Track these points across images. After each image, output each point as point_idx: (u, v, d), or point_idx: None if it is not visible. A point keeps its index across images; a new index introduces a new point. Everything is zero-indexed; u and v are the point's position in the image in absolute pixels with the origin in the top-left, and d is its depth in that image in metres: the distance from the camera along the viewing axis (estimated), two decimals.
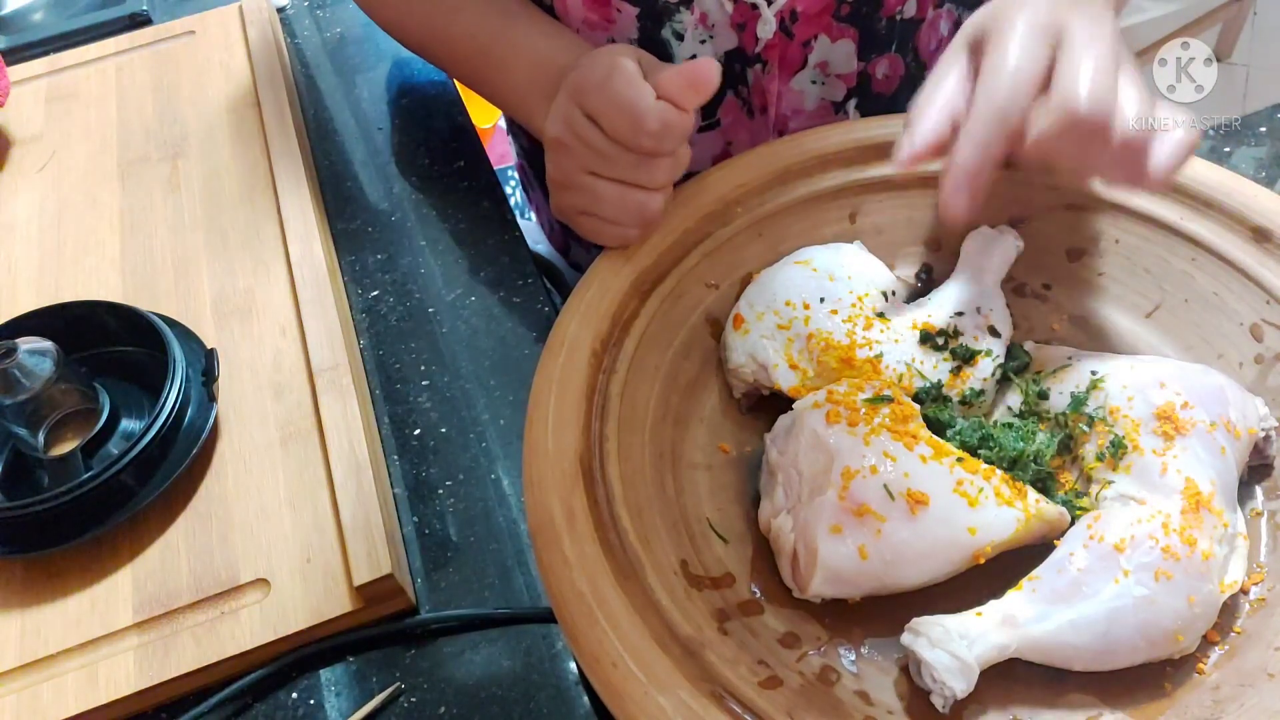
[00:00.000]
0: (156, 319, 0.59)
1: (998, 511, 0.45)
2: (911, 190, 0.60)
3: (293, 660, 0.51)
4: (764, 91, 0.71)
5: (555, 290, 0.88)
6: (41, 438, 0.56)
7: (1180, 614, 0.42)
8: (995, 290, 0.55)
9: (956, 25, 0.73)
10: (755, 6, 0.65)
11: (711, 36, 0.67)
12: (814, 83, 0.71)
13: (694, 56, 0.69)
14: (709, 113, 0.72)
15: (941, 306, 0.54)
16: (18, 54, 0.87)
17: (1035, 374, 0.53)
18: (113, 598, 0.52)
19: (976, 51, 0.49)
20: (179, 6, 0.92)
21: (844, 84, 0.71)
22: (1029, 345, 0.55)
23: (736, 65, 0.69)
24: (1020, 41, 0.46)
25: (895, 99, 0.74)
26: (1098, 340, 0.56)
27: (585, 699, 0.49)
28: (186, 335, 0.61)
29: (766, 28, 0.66)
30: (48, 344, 0.56)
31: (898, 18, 0.69)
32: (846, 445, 0.46)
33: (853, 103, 0.73)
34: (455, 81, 0.83)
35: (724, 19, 0.66)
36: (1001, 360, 0.53)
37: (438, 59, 0.72)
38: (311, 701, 0.50)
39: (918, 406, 0.50)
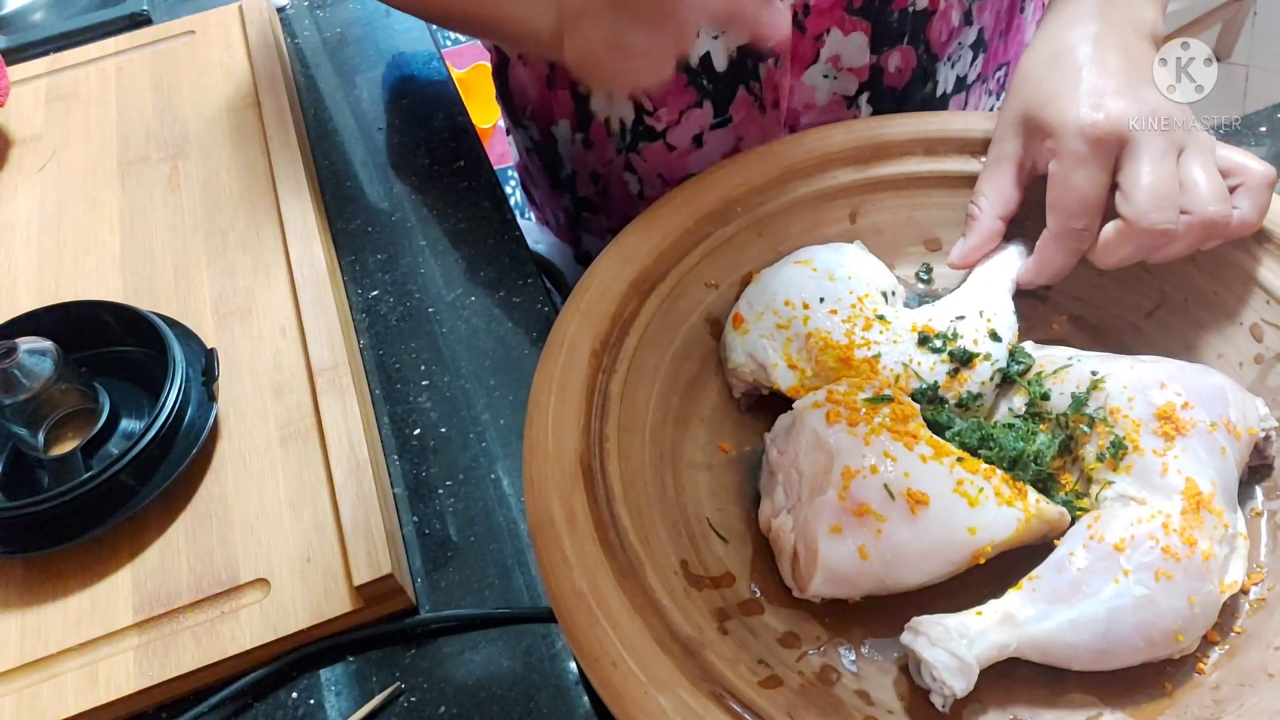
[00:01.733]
0: (156, 319, 0.59)
1: (998, 511, 0.45)
2: (911, 190, 0.60)
3: (293, 660, 0.51)
4: (776, 86, 0.70)
5: (555, 290, 0.88)
6: (41, 438, 0.56)
7: (1180, 614, 0.42)
8: (1004, 296, 0.55)
9: (967, 16, 0.72)
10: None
11: (723, 31, 0.67)
12: (826, 77, 0.71)
13: (706, 51, 0.68)
14: (720, 109, 0.72)
15: (944, 310, 0.54)
16: (18, 54, 0.87)
17: (1036, 374, 0.53)
18: (113, 597, 0.52)
19: (1031, 136, 0.54)
20: (179, 6, 0.92)
21: (856, 78, 0.71)
22: (1029, 345, 0.55)
23: (748, 60, 0.69)
24: (1085, 165, 0.50)
25: (907, 92, 0.74)
26: (1098, 340, 0.56)
27: (585, 699, 0.49)
28: (186, 335, 0.61)
29: None
30: (48, 344, 0.56)
31: (909, 10, 0.69)
32: (846, 445, 0.46)
33: (865, 96, 0.73)
34: (455, 83, 0.83)
35: None
36: (1002, 365, 0.53)
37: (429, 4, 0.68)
38: (311, 701, 0.50)
39: (918, 406, 0.50)
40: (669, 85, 0.55)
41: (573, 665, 0.50)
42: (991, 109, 0.83)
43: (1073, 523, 0.47)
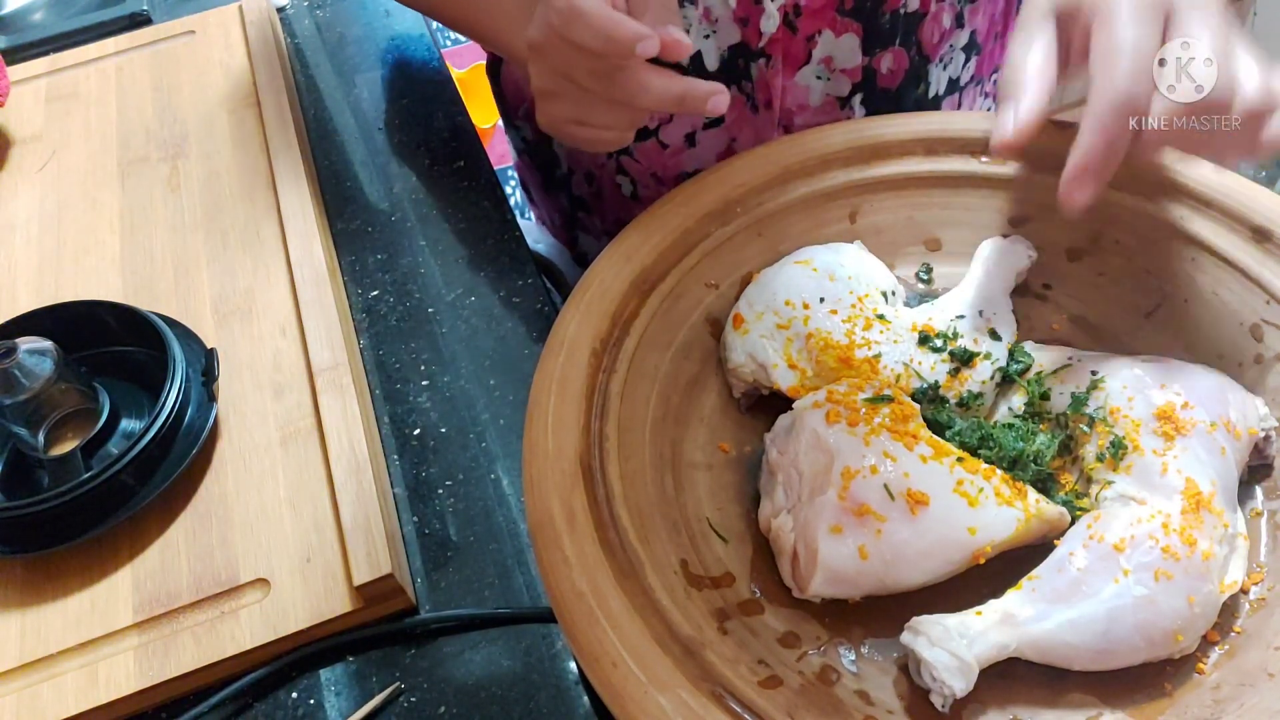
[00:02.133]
0: (156, 319, 0.59)
1: (998, 511, 0.45)
2: (911, 190, 0.60)
3: (293, 660, 0.51)
4: (768, 87, 0.71)
5: (555, 290, 0.88)
6: (41, 438, 0.56)
7: (1180, 614, 0.42)
8: (1003, 297, 0.55)
9: (959, 18, 0.73)
10: (759, 1, 0.65)
11: (715, 31, 0.67)
12: (818, 78, 0.71)
13: (698, 51, 0.68)
14: None
15: (944, 310, 0.54)
16: (18, 54, 0.87)
17: (1036, 374, 0.53)
18: (113, 597, 0.52)
19: (1065, 21, 0.48)
20: (179, 6, 0.92)
21: (848, 79, 0.71)
22: (1029, 345, 0.55)
23: (740, 60, 0.69)
24: (1132, 18, 0.44)
25: (900, 93, 0.74)
26: (1098, 340, 0.56)
27: (585, 699, 0.49)
28: (186, 335, 0.61)
29: (770, 22, 0.66)
30: (48, 344, 0.56)
31: (901, 11, 0.69)
32: (846, 445, 0.46)
33: (858, 98, 0.73)
34: (455, 83, 0.83)
35: (727, 14, 0.66)
36: (1002, 364, 0.53)
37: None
38: (311, 701, 0.50)
39: (918, 406, 0.50)
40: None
41: (573, 665, 0.50)
42: (988, 110, 0.83)
43: (1073, 523, 0.47)
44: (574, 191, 0.85)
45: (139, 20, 0.90)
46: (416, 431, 0.60)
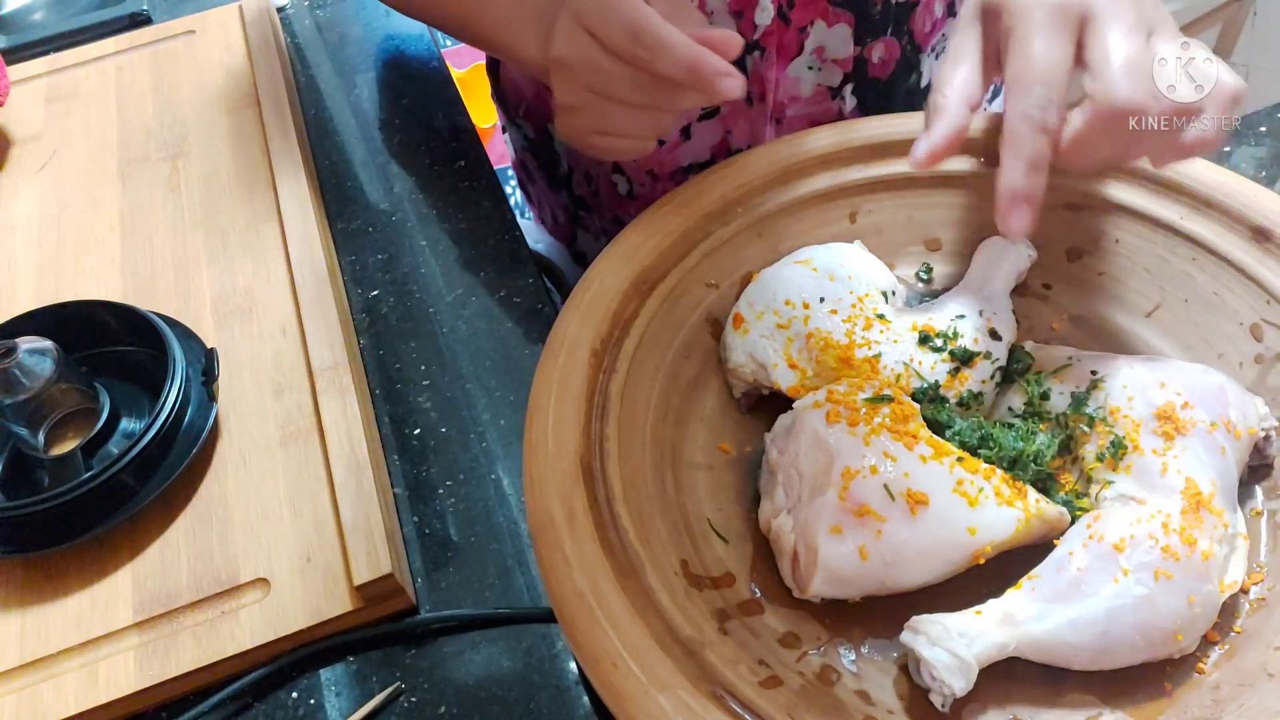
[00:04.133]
0: (156, 319, 0.59)
1: (998, 511, 0.45)
2: (911, 190, 0.60)
3: (293, 660, 0.51)
4: (762, 79, 0.71)
5: (555, 290, 0.88)
6: (41, 437, 0.56)
7: (1180, 614, 0.42)
8: (1003, 297, 0.55)
9: (950, 8, 0.73)
10: None
11: (710, 25, 0.67)
12: (810, 68, 0.71)
13: None
14: None
15: (944, 310, 0.54)
16: (18, 54, 0.87)
17: (1036, 374, 0.53)
18: (113, 597, 0.52)
19: (990, 22, 0.49)
20: (179, 6, 0.92)
21: (840, 69, 0.71)
22: (1029, 345, 0.55)
23: None
24: (1045, 31, 0.45)
25: (891, 83, 0.74)
26: (1098, 340, 0.56)
27: (585, 699, 0.49)
28: (186, 335, 0.61)
29: (764, 14, 0.66)
30: (48, 344, 0.56)
31: (893, 1, 0.69)
32: (846, 445, 0.46)
33: (849, 88, 0.73)
34: (455, 83, 0.83)
35: (722, 6, 0.66)
36: (1002, 364, 0.53)
37: (411, 4, 0.70)
38: (311, 701, 0.50)
39: (918, 406, 0.50)
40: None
41: (573, 665, 0.50)
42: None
43: (1073, 523, 0.47)
44: (574, 190, 0.85)
45: (139, 20, 0.90)
46: (416, 431, 0.60)
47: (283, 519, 0.54)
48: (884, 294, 0.55)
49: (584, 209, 0.86)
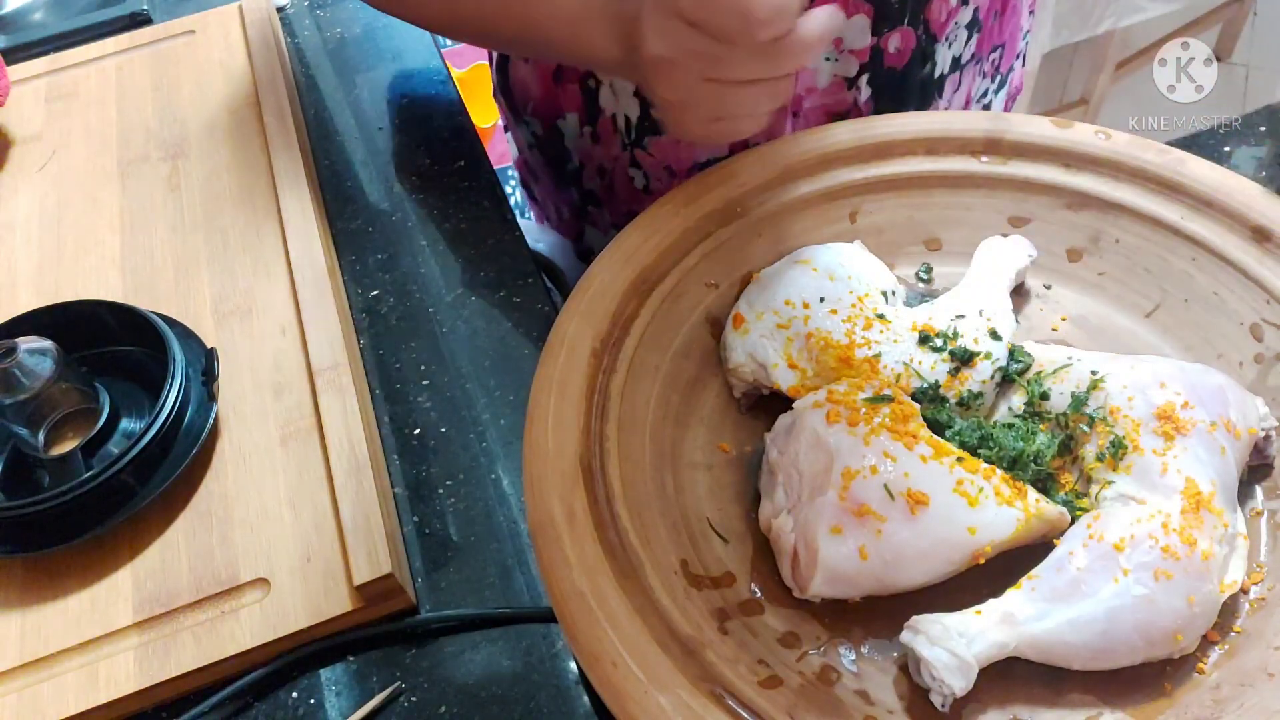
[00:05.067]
0: (156, 319, 0.59)
1: (998, 511, 0.45)
2: (912, 190, 0.60)
3: (293, 660, 0.51)
4: None
5: (555, 290, 0.87)
6: (41, 437, 0.56)
7: (1180, 614, 0.42)
8: (1003, 297, 0.55)
9: None
10: None
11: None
12: (827, 59, 0.71)
13: None
14: None
15: (944, 310, 0.54)
16: (18, 54, 0.87)
17: (1036, 374, 0.53)
18: (113, 597, 0.52)
19: None
20: (179, 6, 0.92)
21: (856, 60, 0.72)
22: (1029, 345, 0.55)
23: None
24: None
25: (906, 73, 0.74)
26: (1098, 340, 0.56)
27: (585, 698, 0.49)
28: (186, 335, 0.61)
29: None
30: (48, 344, 0.56)
31: None
32: (846, 445, 0.46)
33: (865, 78, 0.73)
34: (455, 83, 0.83)
35: None
36: (1002, 364, 0.53)
37: (465, 23, 0.68)
38: (311, 701, 0.50)
39: (918, 406, 0.50)
40: None
41: (573, 665, 0.50)
42: (985, 92, 0.84)
43: (1073, 522, 0.47)
44: (585, 185, 0.85)
45: (139, 20, 0.90)
46: (416, 431, 0.60)
47: (283, 519, 0.54)
48: (884, 294, 0.55)
49: (594, 204, 0.86)
